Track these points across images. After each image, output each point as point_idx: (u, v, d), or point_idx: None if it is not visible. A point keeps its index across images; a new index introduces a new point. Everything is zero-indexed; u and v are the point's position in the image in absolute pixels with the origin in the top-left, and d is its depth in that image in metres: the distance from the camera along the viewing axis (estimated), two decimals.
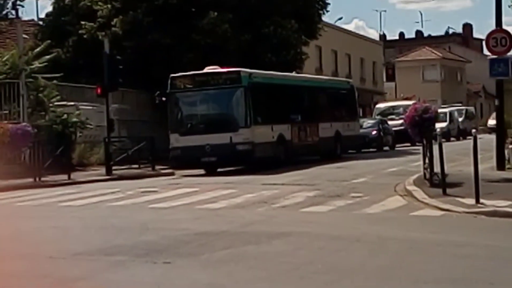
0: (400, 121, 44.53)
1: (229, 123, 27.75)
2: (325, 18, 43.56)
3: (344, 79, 38.94)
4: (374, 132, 41.32)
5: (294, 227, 13.27)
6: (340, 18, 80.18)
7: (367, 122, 42.99)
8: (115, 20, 33.67)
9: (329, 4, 41.01)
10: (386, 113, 48.03)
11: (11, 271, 9.84)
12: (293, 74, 34.92)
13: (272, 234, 12.48)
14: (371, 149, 40.29)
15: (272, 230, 12.90)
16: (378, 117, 46.15)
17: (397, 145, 43.10)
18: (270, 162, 28.00)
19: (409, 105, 45.36)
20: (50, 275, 9.56)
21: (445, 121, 46.35)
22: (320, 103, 35.10)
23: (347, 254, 10.79)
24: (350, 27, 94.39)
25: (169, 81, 28.30)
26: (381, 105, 51.85)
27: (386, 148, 41.99)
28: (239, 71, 27.62)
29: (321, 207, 16.26)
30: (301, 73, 42.35)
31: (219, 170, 28.60)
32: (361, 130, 39.87)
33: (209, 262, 10.21)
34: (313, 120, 32.84)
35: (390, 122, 44.59)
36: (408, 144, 40.83)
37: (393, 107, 49.39)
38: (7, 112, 29.16)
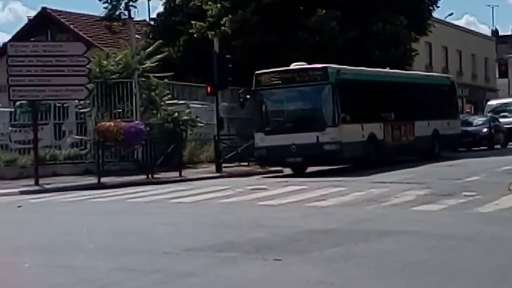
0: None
1: (315, 122, 26.36)
2: (435, 13, 43.09)
3: (444, 75, 36.28)
4: (485, 130, 39.93)
5: (405, 225, 13.17)
6: (451, 14, 78.77)
7: (478, 120, 42.04)
8: (224, 19, 34.02)
9: (439, 0, 40.55)
10: (498, 110, 46.42)
11: (125, 266, 10.11)
12: (386, 70, 32.20)
13: (381, 232, 12.42)
14: (482, 147, 39.29)
15: (381, 228, 12.84)
16: (489, 114, 44.93)
17: (510, 143, 42.08)
18: (360, 162, 26.96)
19: None
20: (164, 269, 9.75)
21: None
22: (415, 100, 32.39)
23: (459, 253, 10.64)
24: (461, 22, 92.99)
25: (254, 78, 27.69)
26: (493, 102, 50.24)
27: (497, 146, 40.45)
28: (326, 67, 26.22)
29: (432, 205, 16.07)
30: (411, 70, 42.01)
31: (313, 170, 27.96)
32: (472, 128, 38.92)
33: (319, 260, 10.23)
34: (408, 118, 30.92)
35: (502, 120, 43.33)
36: None
37: (506, 104, 47.79)
38: (120, 110, 29.87)
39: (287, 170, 28.11)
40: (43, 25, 45.70)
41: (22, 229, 14.71)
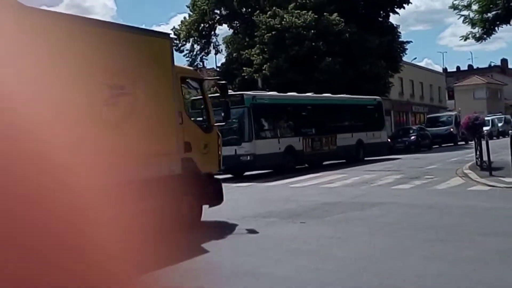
0: (445, 127, 40.83)
1: (235, 138, 21.16)
2: (405, 58, 42.58)
3: (372, 97, 30.29)
4: (413, 138, 35.61)
5: (386, 198, 13.09)
6: (415, 58, 78.32)
7: (410, 130, 37.82)
8: (265, 66, 34.03)
9: (407, 49, 40.28)
10: (435, 121, 42.86)
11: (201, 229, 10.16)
12: (296, 94, 26.34)
13: (371, 203, 12.36)
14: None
15: (371, 201, 12.78)
16: (415, 127, 40.34)
17: (443, 145, 38.62)
18: (277, 168, 22.25)
19: (451, 115, 43.05)
20: (229, 230, 9.79)
21: (489, 125, 43.63)
22: (339, 117, 27.03)
23: (423, 216, 10.55)
24: (422, 63, 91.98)
25: None
26: (431, 116, 47.27)
27: (424, 149, 35.24)
28: (243, 94, 22.18)
29: (405, 185, 15.94)
30: (388, 97, 41.50)
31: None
32: (404, 138, 35.42)
33: (330, 222, 10.22)
34: (330, 132, 25.58)
35: (438, 128, 40.06)
36: (452, 144, 38.58)
37: (441, 117, 44.37)
38: None
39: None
40: None
41: None
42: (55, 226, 0.71)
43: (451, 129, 40.33)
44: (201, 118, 11.28)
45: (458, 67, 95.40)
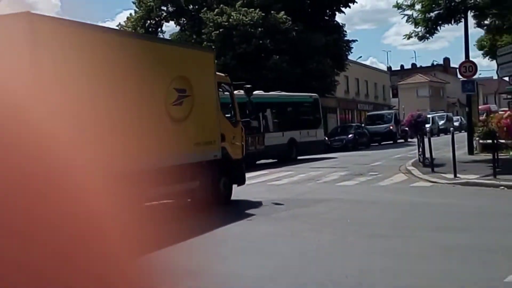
0: (385, 125, 39.83)
1: None
2: (350, 57, 43.21)
3: (308, 94, 28.24)
4: (350, 136, 34.24)
5: (332, 195, 13.20)
6: (360, 57, 79.68)
7: (348, 128, 36.68)
8: None
9: (352, 47, 40.94)
10: (375, 119, 41.94)
11: None
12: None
13: (317, 200, 12.44)
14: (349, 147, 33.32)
15: (317, 197, 12.86)
16: (354, 125, 40.01)
17: (383, 143, 37.80)
18: None
19: (390, 113, 42.94)
20: (175, 229, 9.66)
21: (429, 123, 43.63)
22: (264, 116, 24.84)
23: (367, 212, 10.69)
24: (367, 62, 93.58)
25: None
26: (371, 113, 46.63)
27: (361, 147, 33.83)
28: None
29: (349, 182, 16.12)
30: (334, 95, 41.98)
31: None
32: (342, 136, 34.14)
33: (277, 219, 10.23)
34: (254, 132, 22.85)
35: (377, 126, 39.26)
36: (391, 142, 38.39)
37: (380, 115, 43.15)
38: None
39: None
40: None
41: None
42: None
43: (391, 127, 40.09)
44: (229, 115, 13.46)
45: (402, 66, 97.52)
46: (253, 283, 5.99)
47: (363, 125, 40.48)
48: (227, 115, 13.31)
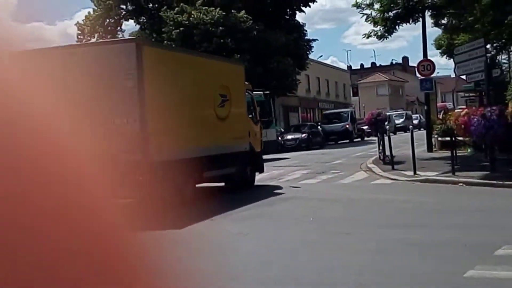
0: (341, 124, 39.15)
1: None
2: (311, 56, 43.39)
3: (258, 91, 23.31)
4: (304, 135, 33.23)
5: (294, 193, 13.22)
6: (321, 56, 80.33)
7: (302, 128, 35.53)
8: None
9: (313, 46, 41.32)
10: (331, 117, 41.38)
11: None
12: None
13: (280, 198, 12.44)
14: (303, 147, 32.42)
15: (280, 196, 12.85)
16: (308, 124, 38.75)
17: (340, 141, 37.49)
18: None
19: (346, 111, 42.29)
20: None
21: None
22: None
23: (328, 210, 10.74)
24: (327, 61, 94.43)
25: None
26: (327, 112, 46.13)
27: (315, 146, 32.99)
28: None
29: (312, 180, 16.19)
30: (295, 94, 42.00)
31: None
32: (295, 135, 33.21)
33: (237, 218, 10.17)
34: None
35: (334, 125, 38.93)
36: (348, 141, 38.11)
37: (338, 113, 42.39)
38: None
39: None
40: None
41: None
42: None
43: (347, 126, 39.57)
44: (251, 115, 15.84)
45: (362, 65, 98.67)
46: (213, 281, 5.93)
47: (319, 124, 40.35)
48: (249, 115, 15.74)
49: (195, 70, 12.81)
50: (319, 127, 37.86)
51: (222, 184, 14.41)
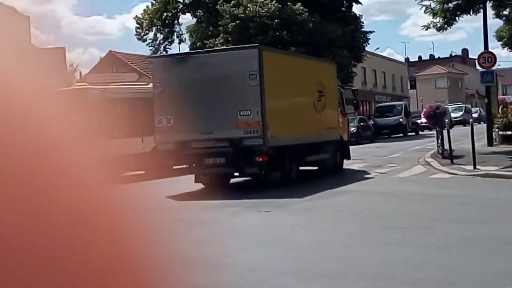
0: (394, 117, 37.64)
1: None
2: (367, 48, 42.88)
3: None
4: (353, 129, 30.38)
5: (351, 187, 13.16)
6: (377, 48, 79.07)
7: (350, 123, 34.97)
8: None
9: (369, 38, 40.59)
10: (384, 111, 39.85)
11: (166, 217, 10.06)
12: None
13: (336, 192, 12.42)
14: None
15: (335, 190, 12.83)
16: (358, 117, 35.13)
17: (393, 135, 36.20)
18: None
19: (400, 104, 40.62)
20: (192, 219, 9.73)
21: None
22: None
23: (386, 204, 10.66)
24: (384, 53, 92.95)
25: None
26: (379, 105, 44.51)
27: (365, 141, 31.88)
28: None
29: (371, 173, 16.05)
30: (351, 86, 41.55)
31: None
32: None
33: (295, 211, 10.24)
34: None
35: (386, 119, 37.58)
36: (401, 135, 36.71)
37: (391, 106, 40.94)
38: None
39: None
40: (110, 62, 45.53)
41: None
42: None
43: (400, 119, 38.21)
44: (339, 108, 17.48)
45: (419, 57, 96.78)
46: (272, 274, 6.02)
47: (371, 117, 39.48)
48: (338, 109, 17.33)
49: (301, 70, 15.13)
50: (370, 121, 37.00)
51: (315, 168, 16.22)
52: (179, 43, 42.75)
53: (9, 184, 0.50)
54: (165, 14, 40.85)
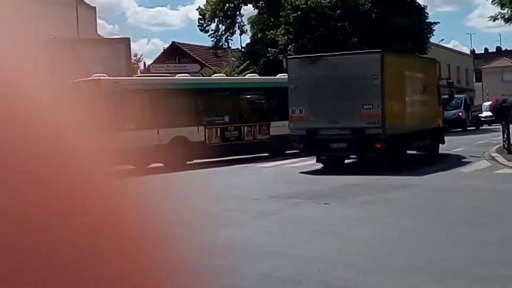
0: (453, 111, 35.40)
1: None
2: (432, 39, 41.92)
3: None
4: (460, 113, 33.46)
5: (412, 181, 12.96)
6: (442, 40, 76.88)
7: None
8: (290, 46, 33.84)
9: (434, 30, 39.69)
10: (442, 104, 39.52)
11: (226, 207, 10.21)
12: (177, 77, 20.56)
13: (395, 185, 12.26)
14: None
15: (395, 183, 12.66)
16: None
17: (451, 130, 32.94)
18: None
19: (459, 98, 38.68)
20: (254, 210, 9.84)
21: None
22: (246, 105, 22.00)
23: (448, 199, 10.46)
24: (449, 45, 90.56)
25: None
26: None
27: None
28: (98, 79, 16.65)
29: (431, 167, 15.73)
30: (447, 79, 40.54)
31: None
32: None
33: (355, 204, 10.18)
34: (242, 121, 20.59)
35: (445, 112, 36.76)
36: (460, 129, 35.08)
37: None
38: None
39: None
40: (173, 53, 46.27)
41: None
42: None
43: (460, 113, 37.00)
44: (437, 99, 19.44)
45: (486, 49, 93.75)
46: (332, 266, 6.03)
47: None
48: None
49: (412, 69, 17.47)
50: None
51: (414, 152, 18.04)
52: (241, 34, 43.04)
53: (17, 182, 0.49)
54: (227, 5, 41.10)
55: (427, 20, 39.08)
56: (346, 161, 16.94)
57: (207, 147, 18.88)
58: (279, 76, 22.37)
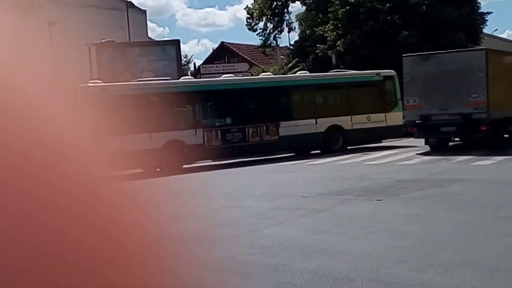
0: None
1: None
2: (485, 30, 40.86)
3: (372, 72, 23.60)
4: None
5: (466, 175, 12.71)
6: (496, 30, 74.77)
7: None
8: (338, 42, 33.60)
9: (487, 20, 38.77)
10: None
11: (277, 205, 10.25)
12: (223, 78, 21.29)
13: (450, 180, 12.05)
14: None
15: (450, 177, 12.45)
16: None
17: None
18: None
19: None
20: (303, 207, 9.84)
21: None
22: (270, 103, 20.93)
23: (503, 193, 10.21)
24: (503, 35, 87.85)
25: None
26: None
27: None
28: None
29: (485, 161, 15.43)
30: None
31: None
32: None
33: (407, 200, 10.06)
34: (262, 121, 20.24)
35: None
36: None
37: None
38: None
39: None
40: (222, 53, 46.62)
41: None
42: None
43: None
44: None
45: None
46: (384, 263, 5.99)
47: None
48: None
49: (509, 63, 19.95)
50: None
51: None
52: (289, 31, 43.02)
53: (12, 187, 0.49)
54: (275, 3, 41.15)
55: (480, 10, 38.15)
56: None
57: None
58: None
